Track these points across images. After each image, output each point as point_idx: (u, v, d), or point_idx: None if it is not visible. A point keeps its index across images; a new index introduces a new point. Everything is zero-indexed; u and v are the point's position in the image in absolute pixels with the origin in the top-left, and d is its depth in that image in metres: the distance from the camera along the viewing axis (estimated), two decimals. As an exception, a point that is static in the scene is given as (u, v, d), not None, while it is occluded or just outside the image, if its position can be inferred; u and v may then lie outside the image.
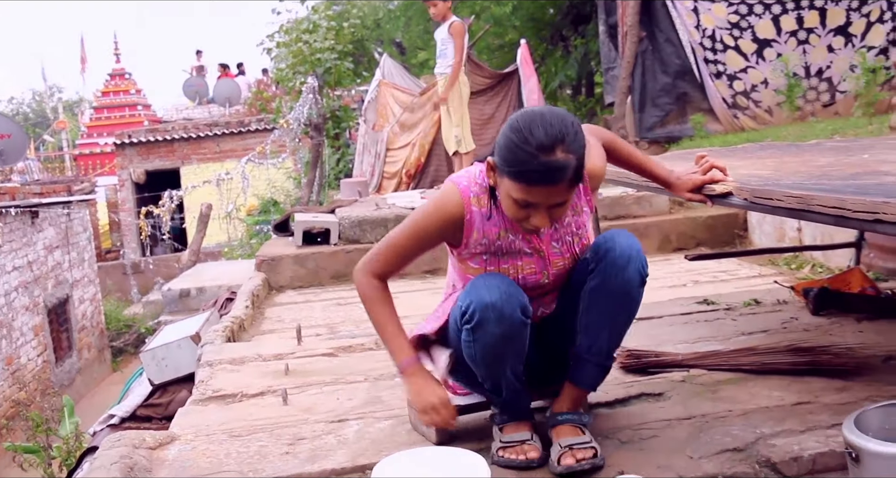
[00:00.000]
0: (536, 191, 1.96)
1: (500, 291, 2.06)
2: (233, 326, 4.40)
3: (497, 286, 2.07)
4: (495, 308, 2.04)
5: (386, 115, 10.89)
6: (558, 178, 1.94)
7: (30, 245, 11.41)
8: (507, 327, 2.06)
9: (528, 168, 1.93)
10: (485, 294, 2.06)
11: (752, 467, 2.09)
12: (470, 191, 2.18)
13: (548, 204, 2.00)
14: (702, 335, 3.39)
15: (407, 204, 6.68)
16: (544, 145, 1.92)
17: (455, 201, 2.18)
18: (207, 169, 18.51)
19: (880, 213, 1.81)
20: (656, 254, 6.09)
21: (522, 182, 1.96)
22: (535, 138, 1.93)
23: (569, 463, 2.09)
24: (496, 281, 2.10)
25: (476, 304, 2.06)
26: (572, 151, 1.94)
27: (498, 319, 2.04)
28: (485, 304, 2.04)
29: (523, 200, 1.99)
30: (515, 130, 1.97)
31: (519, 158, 1.94)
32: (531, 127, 1.94)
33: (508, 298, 2.06)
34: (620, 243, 2.12)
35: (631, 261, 2.10)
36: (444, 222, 2.19)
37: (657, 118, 8.60)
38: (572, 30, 12.89)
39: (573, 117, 2.02)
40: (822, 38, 7.98)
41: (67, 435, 6.95)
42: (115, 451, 2.38)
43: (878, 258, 4.32)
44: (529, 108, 2.08)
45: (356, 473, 2.25)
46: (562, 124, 1.95)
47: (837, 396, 2.52)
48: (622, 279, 2.10)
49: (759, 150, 4.02)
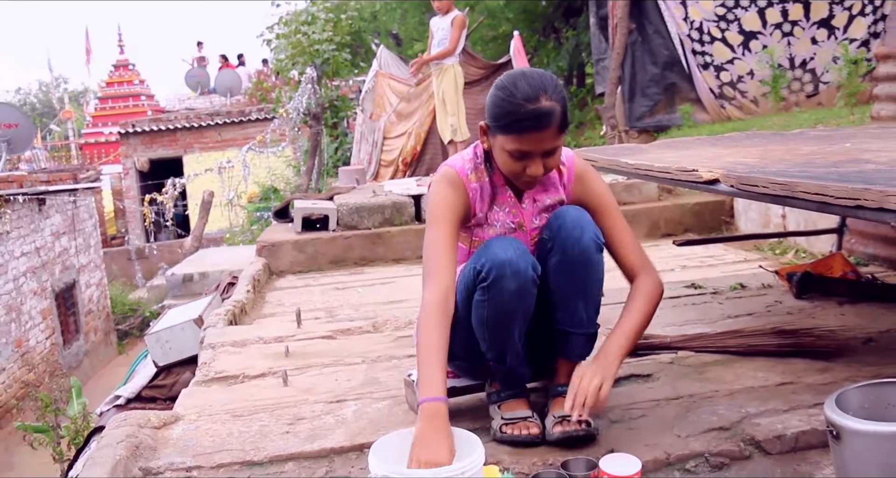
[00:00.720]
0: (528, 138, 2.11)
1: (514, 248, 2.14)
2: (234, 310, 4.44)
3: (510, 244, 2.15)
4: (511, 264, 2.11)
5: (383, 104, 10.90)
6: (546, 123, 2.08)
7: (37, 231, 11.46)
8: (522, 283, 2.12)
9: (518, 117, 2.09)
10: (500, 252, 2.13)
11: (738, 445, 2.13)
12: (465, 169, 2.29)
13: (541, 151, 2.13)
14: (689, 318, 3.43)
15: (403, 191, 6.70)
16: (529, 96, 2.08)
17: (454, 177, 2.28)
18: (209, 157, 18.53)
19: (861, 199, 1.84)
20: (645, 240, 6.11)
21: (514, 132, 2.11)
22: (520, 90, 2.09)
23: (563, 429, 2.16)
24: (508, 241, 2.18)
25: (492, 262, 2.12)
26: (555, 99, 2.09)
27: (514, 274, 2.11)
28: (501, 260, 2.11)
29: (517, 151, 2.13)
30: (501, 87, 2.14)
31: (507, 110, 2.10)
32: (515, 82, 2.12)
33: (523, 255, 2.14)
34: (570, 215, 2.22)
35: (584, 230, 2.19)
36: (452, 188, 2.27)
37: (646, 108, 8.64)
38: (564, 22, 12.89)
39: (553, 75, 2.18)
40: (807, 30, 8.04)
41: (75, 415, 7.02)
42: (121, 430, 2.42)
43: (859, 244, 4.35)
44: (512, 70, 2.25)
45: (354, 451, 2.28)
46: (542, 78, 2.12)
47: (819, 376, 2.56)
48: (580, 248, 2.18)
49: (744, 138, 4.05)
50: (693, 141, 4.41)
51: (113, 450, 2.27)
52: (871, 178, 2.05)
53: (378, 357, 3.25)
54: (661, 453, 2.10)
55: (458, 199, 2.27)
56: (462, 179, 2.27)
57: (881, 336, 2.95)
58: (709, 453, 2.10)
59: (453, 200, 2.27)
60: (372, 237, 6.18)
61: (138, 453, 2.32)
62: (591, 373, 2.11)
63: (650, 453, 2.09)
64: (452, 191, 2.27)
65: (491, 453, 2.11)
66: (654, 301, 2.31)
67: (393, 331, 3.72)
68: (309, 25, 12.52)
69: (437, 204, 2.27)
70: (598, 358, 2.18)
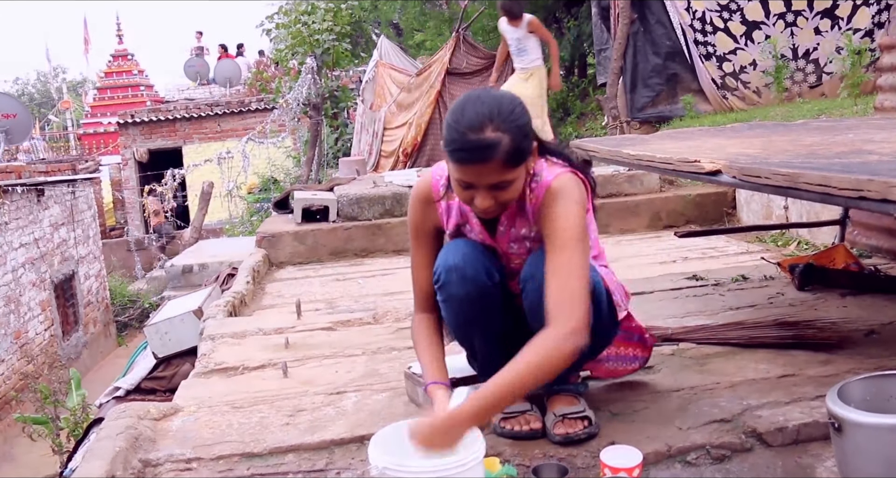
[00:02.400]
0: (469, 170, 1.96)
1: (463, 253, 2.12)
2: (234, 301, 4.45)
3: (461, 249, 2.14)
4: (458, 269, 2.10)
5: (383, 95, 10.91)
6: (487, 156, 1.91)
7: (36, 223, 11.44)
8: (472, 288, 2.10)
9: (457, 146, 1.94)
10: (450, 257, 2.13)
11: (739, 437, 2.12)
12: (439, 183, 2.21)
13: (484, 184, 1.97)
14: (691, 310, 3.44)
15: (404, 182, 6.70)
16: (473, 124, 1.91)
17: (426, 186, 2.24)
18: (209, 148, 18.54)
19: (864, 190, 1.82)
20: (647, 231, 6.15)
21: (455, 161, 1.97)
22: (465, 117, 1.93)
23: (565, 431, 2.14)
24: (462, 245, 2.16)
25: (442, 266, 2.13)
26: (504, 130, 1.91)
27: (461, 279, 2.10)
28: (448, 265, 2.11)
29: (460, 181, 1.99)
30: (452, 111, 1.98)
31: (451, 137, 1.95)
32: (464, 107, 1.96)
33: (472, 261, 2.11)
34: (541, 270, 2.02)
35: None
36: (422, 205, 2.24)
37: (648, 98, 8.62)
38: (565, 12, 12.83)
39: (515, 100, 2.00)
40: (810, 20, 8.01)
41: (74, 407, 7.03)
42: (120, 422, 2.42)
43: (862, 236, 4.35)
44: (472, 91, 2.08)
45: (354, 443, 2.28)
46: (495, 104, 1.94)
47: (821, 368, 2.56)
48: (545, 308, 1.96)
49: (747, 129, 4.03)
50: (695, 132, 4.40)
51: (112, 442, 2.28)
52: (874, 169, 2.04)
53: (378, 349, 3.26)
54: (662, 445, 2.10)
55: (427, 217, 2.25)
56: (434, 195, 2.22)
57: (883, 328, 2.95)
58: (710, 446, 2.10)
59: (422, 220, 2.25)
60: (372, 228, 6.17)
61: (138, 445, 2.32)
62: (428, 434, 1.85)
63: (651, 445, 2.09)
64: (421, 210, 2.25)
65: (491, 445, 2.10)
66: (545, 358, 1.89)
67: (393, 322, 3.72)
68: (309, 15, 12.52)
69: (409, 224, 2.28)
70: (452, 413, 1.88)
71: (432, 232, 2.26)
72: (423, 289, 2.25)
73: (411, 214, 2.28)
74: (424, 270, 2.24)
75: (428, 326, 2.24)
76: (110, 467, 2.14)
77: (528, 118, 2.00)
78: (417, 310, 2.28)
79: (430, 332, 2.23)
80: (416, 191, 2.27)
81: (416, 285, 2.28)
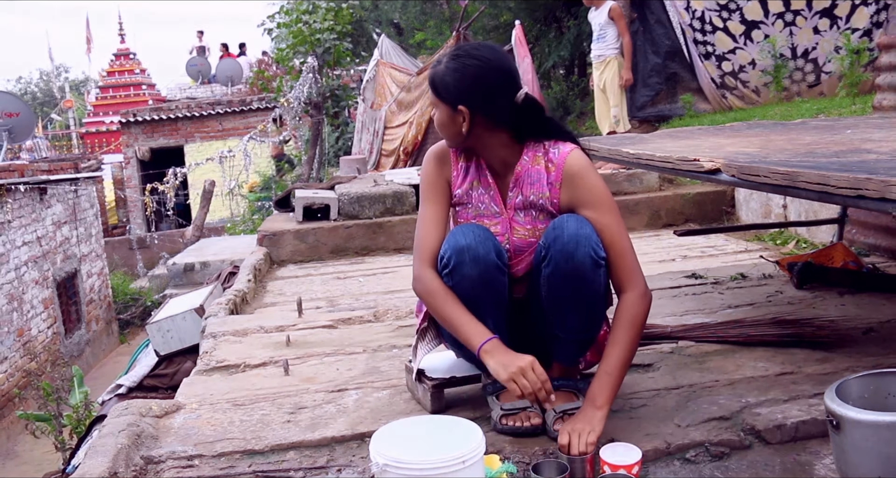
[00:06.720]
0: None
1: (475, 234, 2.15)
2: (236, 299, 4.47)
3: (472, 231, 2.17)
4: (470, 249, 2.12)
5: (384, 94, 10.91)
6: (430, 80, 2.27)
7: (39, 221, 11.45)
8: (483, 269, 2.13)
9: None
10: (460, 239, 2.15)
11: (738, 434, 2.13)
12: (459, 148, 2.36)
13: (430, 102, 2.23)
14: (690, 308, 3.45)
15: (404, 180, 6.71)
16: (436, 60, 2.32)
17: (444, 152, 2.36)
18: (210, 147, 18.57)
19: (862, 189, 1.83)
20: (646, 229, 6.16)
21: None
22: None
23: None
24: (471, 228, 2.19)
25: (452, 248, 2.15)
26: (439, 67, 2.23)
27: (473, 260, 2.12)
28: (460, 246, 2.13)
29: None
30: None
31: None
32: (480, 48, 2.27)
33: (483, 241, 2.14)
34: (568, 229, 2.13)
35: (579, 245, 2.10)
36: (439, 162, 2.35)
37: (648, 98, 8.62)
38: (565, 11, 12.82)
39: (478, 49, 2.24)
40: (808, 20, 8.02)
41: (77, 404, 7.02)
42: (122, 419, 2.43)
43: (860, 234, 4.35)
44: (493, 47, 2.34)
45: (355, 440, 2.29)
46: (460, 48, 2.25)
47: (819, 366, 2.57)
48: (573, 264, 2.10)
49: (746, 128, 4.04)
50: (694, 131, 4.40)
51: (115, 439, 2.29)
52: (872, 167, 2.04)
53: (379, 346, 3.27)
54: (661, 442, 2.11)
55: (442, 174, 2.34)
56: (451, 155, 2.35)
57: (881, 326, 2.96)
58: (709, 443, 2.10)
59: (437, 176, 2.35)
60: (373, 227, 6.19)
61: (140, 442, 2.33)
62: (579, 429, 2.03)
63: (650, 442, 2.10)
64: (437, 166, 2.35)
65: (491, 442, 2.11)
66: (640, 323, 2.17)
67: (394, 320, 3.73)
68: (310, 14, 12.56)
69: (423, 180, 2.38)
70: (586, 408, 2.10)
71: (445, 188, 2.35)
72: (431, 245, 2.26)
73: (425, 170, 2.37)
74: (434, 225, 2.30)
75: (445, 284, 2.19)
76: (112, 464, 2.14)
77: (491, 82, 2.19)
78: (424, 266, 2.24)
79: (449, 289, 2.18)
80: (433, 149, 2.39)
81: (424, 241, 2.28)
